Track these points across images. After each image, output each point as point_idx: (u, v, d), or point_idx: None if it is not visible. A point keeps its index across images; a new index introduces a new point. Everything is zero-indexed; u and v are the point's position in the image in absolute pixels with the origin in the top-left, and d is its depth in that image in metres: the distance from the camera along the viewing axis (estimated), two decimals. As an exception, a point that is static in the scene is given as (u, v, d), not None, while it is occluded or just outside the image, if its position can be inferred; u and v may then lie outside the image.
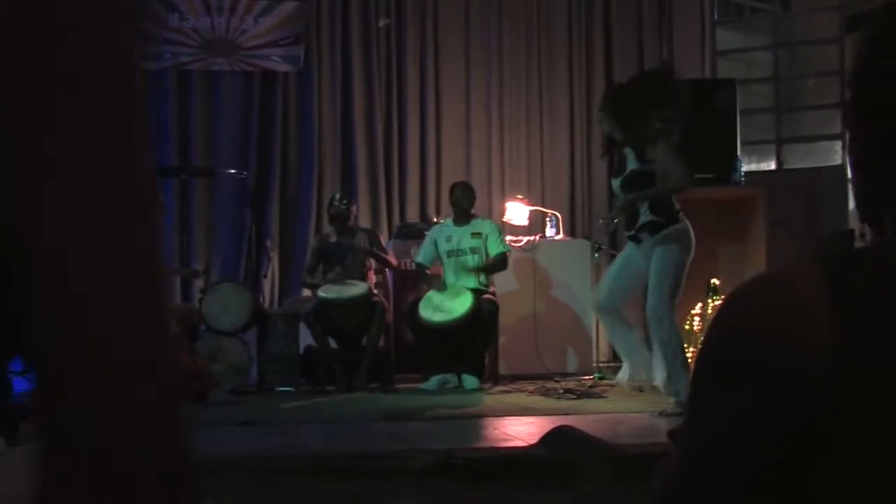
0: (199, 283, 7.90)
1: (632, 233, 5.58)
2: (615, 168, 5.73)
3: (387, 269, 7.54)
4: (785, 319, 0.83)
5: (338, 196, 7.39)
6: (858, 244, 6.67)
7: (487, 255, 7.18)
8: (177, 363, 0.58)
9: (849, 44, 8.00)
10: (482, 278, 7.19)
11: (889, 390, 0.80)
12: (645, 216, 5.46)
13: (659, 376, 5.45)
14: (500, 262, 7.21)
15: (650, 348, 5.56)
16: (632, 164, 5.47)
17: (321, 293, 6.92)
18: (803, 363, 0.82)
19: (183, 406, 0.57)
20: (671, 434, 1.04)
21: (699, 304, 6.68)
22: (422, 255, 7.33)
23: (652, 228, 5.44)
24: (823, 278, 0.83)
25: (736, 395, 0.84)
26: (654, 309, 5.38)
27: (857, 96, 0.94)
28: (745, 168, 7.27)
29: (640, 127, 5.40)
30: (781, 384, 0.83)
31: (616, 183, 5.60)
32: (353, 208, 7.44)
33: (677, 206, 5.60)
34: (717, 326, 0.88)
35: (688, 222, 5.52)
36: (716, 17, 8.75)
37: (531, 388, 6.74)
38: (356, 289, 6.90)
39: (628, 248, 5.72)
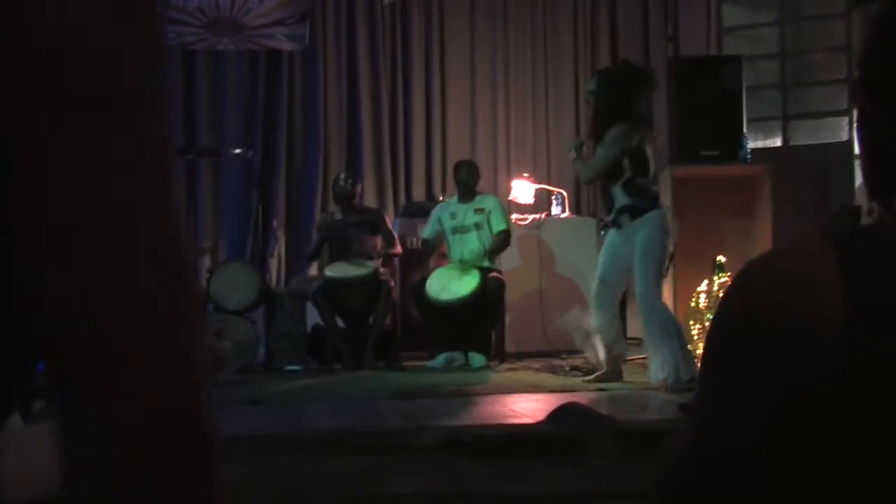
0: (206, 263, 7.92)
1: (611, 216, 5.61)
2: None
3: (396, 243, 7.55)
4: (794, 297, 0.84)
5: (342, 175, 7.41)
6: (866, 220, 6.66)
7: (491, 231, 7.19)
8: (201, 349, 0.57)
9: (855, 18, 7.96)
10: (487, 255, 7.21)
11: (891, 360, 0.80)
12: (621, 200, 5.51)
13: (652, 368, 5.46)
14: (503, 242, 7.21)
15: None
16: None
17: (328, 272, 6.94)
18: (812, 340, 0.82)
19: (205, 388, 0.56)
20: (683, 407, 1.05)
21: (705, 281, 6.68)
22: (428, 230, 7.37)
23: (632, 212, 5.48)
24: (833, 255, 0.83)
25: (745, 372, 0.85)
26: (643, 296, 5.43)
27: (865, 73, 0.94)
28: (751, 145, 7.25)
29: (631, 105, 5.46)
30: (790, 361, 0.83)
31: None
32: (359, 188, 7.44)
33: (655, 190, 5.68)
34: (727, 304, 0.89)
35: (665, 208, 5.63)
36: (722, -8, 8.71)
37: (538, 365, 6.76)
38: (363, 268, 6.92)
39: (611, 235, 5.72)
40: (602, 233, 7.33)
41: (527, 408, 4.85)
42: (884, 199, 0.94)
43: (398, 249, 7.37)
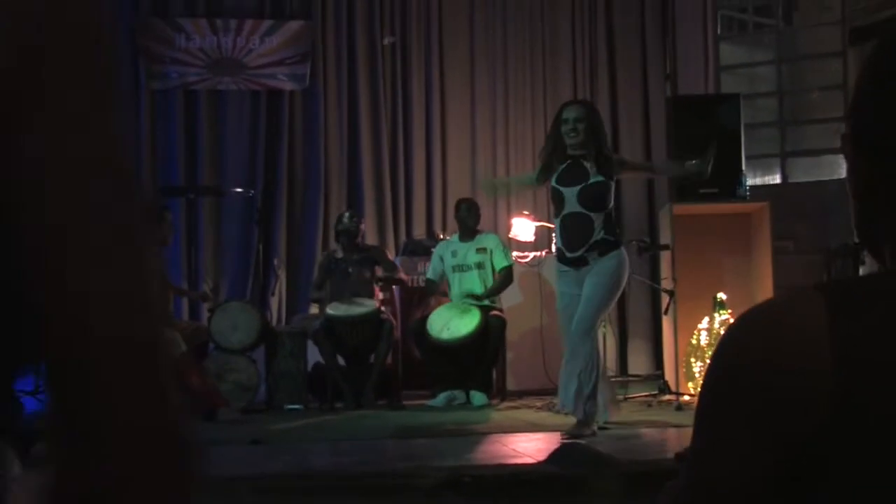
0: (210, 299, 7.93)
1: (579, 253, 5.24)
2: (559, 173, 5.36)
3: (394, 286, 7.56)
4: (784, 352, 0.84)
5: (347, 214, 7.43)
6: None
7: (493, 269, 7.20)
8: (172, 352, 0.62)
9: (851, 57, 8.02)
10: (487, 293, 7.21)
11: (886, 424, 0.81)
12: (598, 234, 5.22)
13: (562, 395, 5.23)
14: (506, 279, 7.22)
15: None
16: (595, 176, 5.26)
17: (329, 310, 6.94)
18: (801, 394, 0.83)
19: (182, 395, 0.60)
20: (678, 457, 1.06)
21: (706, 319, 6.69)
22: (431, 271, 7.38)
23: (602, 249, 5.21)
24: (824, 309, 0.84)
25: (736, 425, 0.86)
26: (583, 320, 5.14)
27: (854, 127, 0.95)
28: (750, 182, 7.29)
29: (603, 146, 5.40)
30: (779, 415, 0.84)
31: (571, 191, 5.27)
32: (362, 226, 7.47)
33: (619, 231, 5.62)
34: (718, 357, 0.89)
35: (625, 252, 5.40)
36: (719, 32, 8.78)
37: (539, 403, 6.74)
38: (364, 306, 6.92)
39: (563, 285, 5.37)
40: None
41: (527, 447, 4.84)
42: (874, 250, 0.95)
43: (402, 275, 7.38)
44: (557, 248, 5.52)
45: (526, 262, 7.74)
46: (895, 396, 0.81)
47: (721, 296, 6.70)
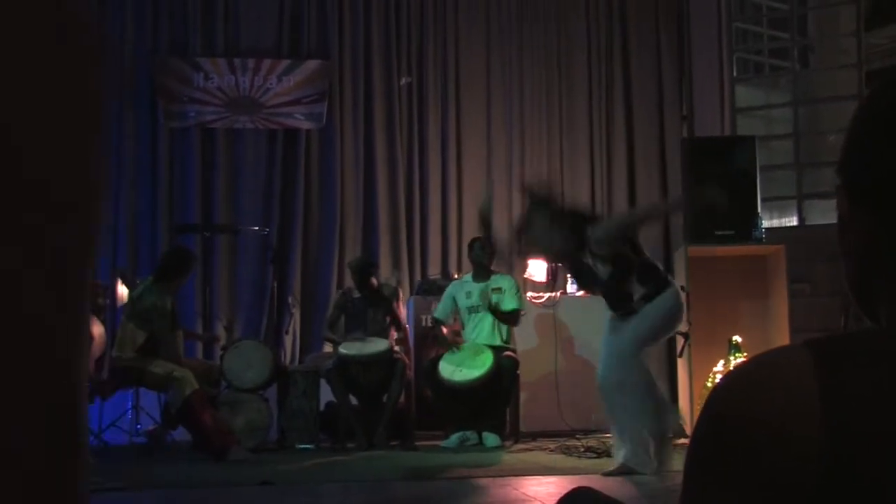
0: (220, 341, 7.94)
1: (630, 311, 5.24)
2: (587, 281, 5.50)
3: (405, 326, 7.55)
4: (771, 413, 0.81)
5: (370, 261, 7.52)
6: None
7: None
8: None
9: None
10: (504, 335, 7.17)
11: (880, 497, 0.79)
12: (637, 291, 5.20)
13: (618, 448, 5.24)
14: (511, 317, 7.18)
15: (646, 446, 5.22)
16: (603, 274, 5.28)
17: (342, 349, 6.93)
18: (792, 460, 0.80)
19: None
20: None
21: (721, 362, 6.64)
22: (440, 310, 7.34)
23: (649, 297, 5.19)
24: (813, 370, 0.81)
25: (723, 489, 0.84)
26: (623, 347, 5.15)
27: (850, 178, 0.91)
28: (766, 224, 7.26)
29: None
30: (769, 481, 0.81)
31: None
32: (378, 270, 7.55)
33: (662, 268, 5.50)
34: (704, 417, 0.87)
35: (676, 285, 5.34)
36: (735, 74, 8.79)
37: (552, 445, 6.68)
38: (377, 346, 6.91)
39: (611, 322, 5.38)
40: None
41: (538, 491, 4.79)
42: (868, 309, 0.92)
43: (404, 327, 7.39)
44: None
45: (541, 303, 7.72)
46: (887, 467, 0.79)
47: (736, 339, 6.65)
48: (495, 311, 7.11)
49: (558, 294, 7.84)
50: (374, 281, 7.25)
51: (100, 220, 0.54)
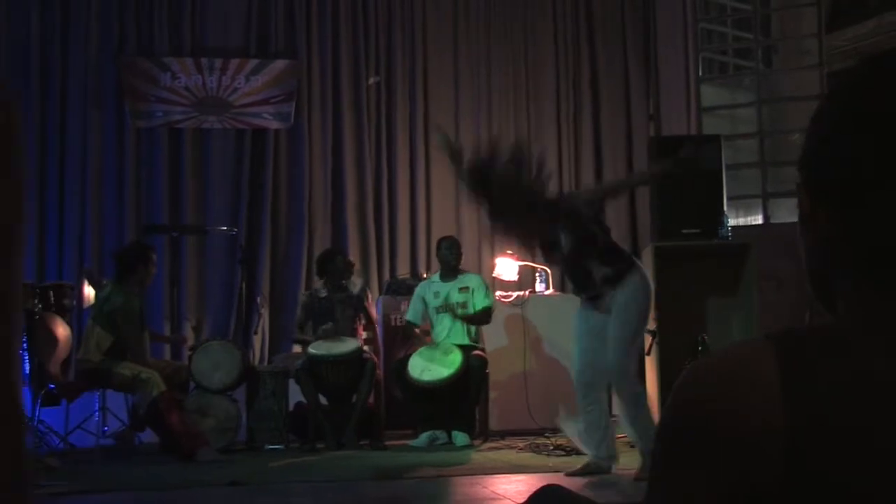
0: (188, 342, 7.90)
1: (593, 294, 5.15)
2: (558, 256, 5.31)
3: (376, 325, 7.55)
4: (735, 402, 0.84)
5: (340, 257, 7.43)
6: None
7: (474, 309, 7.19)
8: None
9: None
10: (472, 334, 7.19)
11: (842, 490, 0.80)
12: (598, 270, 5.09)
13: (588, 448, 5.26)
14: (483, 316, 7.20)
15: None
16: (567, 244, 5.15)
17: (311, 350, 6.92)
18: (752, 446, 0.82)
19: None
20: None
21: (688, 360, 6.69)
22: (410, 312, 7.34)
23: (612, 280, 5.06)
24: (775, 363, 0.84)
25: (686, 476, 0.85)
26: (615, 362, 5.07)
27: (812, 175, 0.91)
28: (732, 223, 7.32)
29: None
30: (731, 466, 0.83)
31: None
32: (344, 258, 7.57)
33: (627, 251, 5.47)
34: (670, 407, 0.89)
35: (643, 268, 5.26)
36: (700, 74, 8.86)
37: (521, 444, 6.71)
38: (346, 345, 6.90)
39: (581, 313, 5.28)
40: None
41: (508, 489, 4.81)
42: (826, 301, 0.94)
43: (376, 326, 7.41)
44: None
45: (510, 302, 7.74)
46: (851, 461, 0.81)
47: (704, 336, 6.70)
48: (465, 318, 7.11)
49: (527, 293, 7.87)
50: (342, 264, 7.28)
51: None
